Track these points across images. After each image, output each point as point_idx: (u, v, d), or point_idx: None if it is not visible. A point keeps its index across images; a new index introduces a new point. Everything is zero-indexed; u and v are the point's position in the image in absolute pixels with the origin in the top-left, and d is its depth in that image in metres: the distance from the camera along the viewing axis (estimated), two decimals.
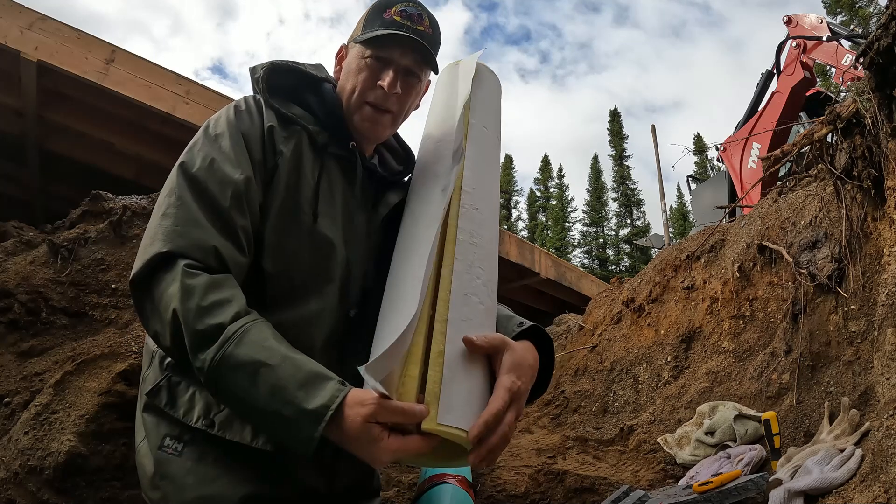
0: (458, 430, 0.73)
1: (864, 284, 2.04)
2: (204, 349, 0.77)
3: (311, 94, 1.09)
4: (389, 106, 1.05)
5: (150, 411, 0.95)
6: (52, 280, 2.58)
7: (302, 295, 0.96)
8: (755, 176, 6.07)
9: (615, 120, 38.63)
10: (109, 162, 5.68)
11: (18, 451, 1.87)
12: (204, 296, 0.79)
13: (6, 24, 4.28)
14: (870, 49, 1.85)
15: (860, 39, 4.98)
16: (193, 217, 0.86)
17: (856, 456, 1.52)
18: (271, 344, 0.79)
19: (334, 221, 1.01)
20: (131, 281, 0.86)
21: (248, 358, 0.76)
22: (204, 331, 0.78)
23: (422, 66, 1.07)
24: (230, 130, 0.96)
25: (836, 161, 2.13)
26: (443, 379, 0.75)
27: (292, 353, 0.79)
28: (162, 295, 0.81)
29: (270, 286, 0.94)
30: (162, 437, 0.91)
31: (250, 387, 0.75)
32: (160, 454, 0.90)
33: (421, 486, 1.66)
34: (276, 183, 0.97)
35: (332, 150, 1.05)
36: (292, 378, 0.75)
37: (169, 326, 0.80)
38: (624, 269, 33.90)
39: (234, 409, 0.83)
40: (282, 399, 0.74)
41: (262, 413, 0.75)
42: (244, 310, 0.82)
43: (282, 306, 0.94)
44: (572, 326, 4.96)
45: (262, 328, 0.81)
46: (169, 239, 0.84)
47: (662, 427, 2.55)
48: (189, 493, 0.86)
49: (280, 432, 0.77)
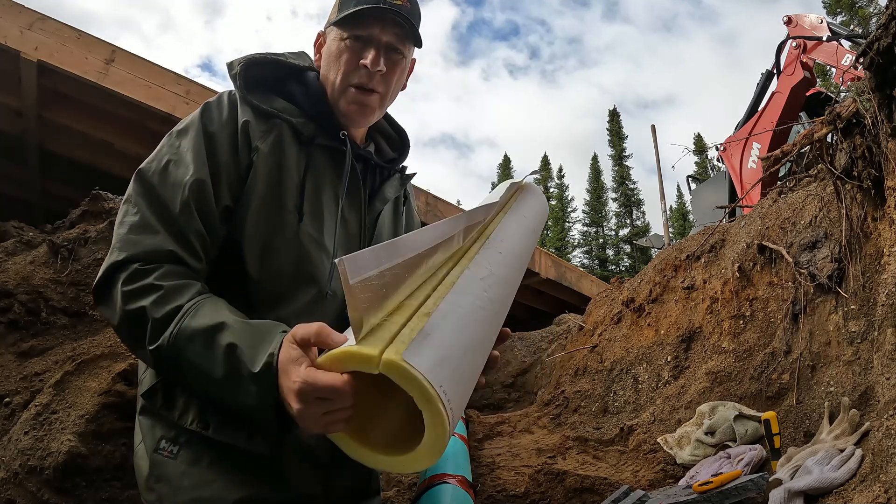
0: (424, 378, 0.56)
1: (864, 284, 2.04)
2: (163, 331, 0.78)
3: (294, 84, 1.05)
4: (375, 85, 1.01)
5: (145, 413, 0.94)
6: (52, 280, 2.59)
7: (287, 294, 0.94)
8: (755, 176, 6.07)
9: (614, 120, 38.65)
10: (109, 162, 5.68)
11: (18, 451, 1.87)
12: (160, 287, 0.81)
13: (6, 24, 4.28)
14: (870, 49, 1.85)
15: (860, 39, 4.98)
16: (147, 223, 0.86)
17: (856, 456, 1.52)
18: (224, 312, 0.79)
19: (322, 219, 0.98)
20: (92, 292, 0.87)
21: (203, 325, 0.77)
22: (162, 317, 0.79)
23: (404, 40, 1.02)
24: (192, 131, 0.94)
25: (836, 161, 2.13)
26: (423, 330, 0.61)
27: (243, 319, 0.79)
28: (121, 293, 0.81)
29: (254, 283, 0.93)
30: (158, 440, 0.90)
31: (206, 354, 0.76)
32: (156, 456, 0.89)
33: (421, 485, 1.66)
34: (254, 180, 0.94)
35: (321, 142, 1.01)
36: (245, 337, 0.75)
37: (131, 324, 0.81)
38: (624, 269, 33.90)
39: (196, 384, 0.82)
40: (238, 358, 0.73)
41: (218, 381, 0.75)
42: (200, 290, 0.83)
43: (267, 305, 0.92)
44: (572, 326, 4.96)
45: (217, 302, 0.82)
46: (124, 248, 0.84)
47: (662, 427, 2.55)
48: (184, 495, 0.85)
49: (238, 398, 0.74)
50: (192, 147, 0.92)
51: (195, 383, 0.81)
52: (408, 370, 0.55)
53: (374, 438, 0.68)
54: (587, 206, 37.35)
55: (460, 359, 0.64)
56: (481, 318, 0.73)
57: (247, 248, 0.93)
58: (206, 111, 0.98)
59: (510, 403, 4.89)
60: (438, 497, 1.55)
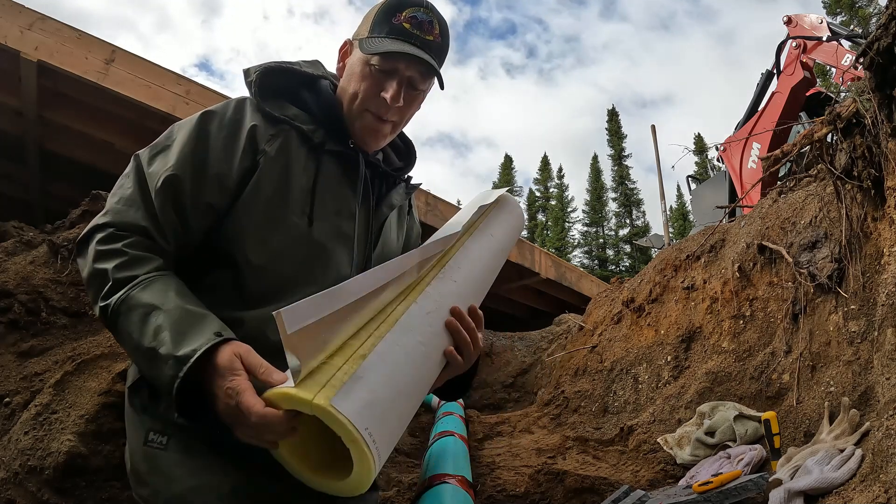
0: (349, 423, 0.61)
1: (864, 284, 2.04)
2: (114, 293, 0.85)
3: (307, 92, 1.08)
4: (391, 117, 1.04)
5: (132, 407, 0.94)
6: (52, 280, 2.59)
7: (281, 293, 0.95)
8: (755, 176, 6.07)
9: (613, 119, 38.66)
10: (109, 162, 5.68)
11: (18, 451, 1.87)
12: (126, 253, 0.88)
13: (6, 24, 4.28)
14: (870, 49, 1.86)
15: (860, 39, 4.98)
16: (133, 198, 0.93)
17: (856, 456, 1.52)
18: (171, 294, 0.84)
19: (331, 225, 1.01)
20: (76, 241, 0.95)
21: (147, 301, 0.82)
22: (119, 279, 0.85)
23: (426, 78, 1.06)
24: (187, 127, 0.98)
25: (836, 161, 2.13)
26: (355, 374, 0.67)
27: (187, 304, 0.84)
28: (94, 251, 0.89)
29: (250, 280, 0.94)
30: (146, 432, 0.90)
31: (140, 326, 0.81)
32: (146, 449, 0.89)
33: (421, 485, 1.66)
34: (259, 182, 0.96)
35: (331, 147, 1.04)
36: (176, 323, 0.80)
37: (96, 277, 0.88)
38: (624, 269, 33.91)
39: (126, 349, 0.87)
40: (161, 339, 0.78)
41: (144, 352, 0.80)
42: (161, 266, 0.90)
43: (260, 301, 0.94)
44: (572, 326, 4.97)
45: (169, 280, 0.88)
46: (111, 213, 0.92)
47: (662, 427, 2.55)
48: (178, 485, 0.85)
49: (154, 371, 0.79)
50: (181, 142, 0.96)
51: (126, 347, 0.87)
52: (334, 415, 0.61)
53: (314, 458, 0.75)
54: (587, 206, 37.37)
55: (392, 400, 0.70)
56: (421, 355, 0.78)
57: (248, 245, 0.95)
58: (211, 112, 1.00)
59: (510, 403, 4.89)
60: (438, 497, 1.55)
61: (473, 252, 0.99)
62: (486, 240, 1.05)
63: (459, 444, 2.34)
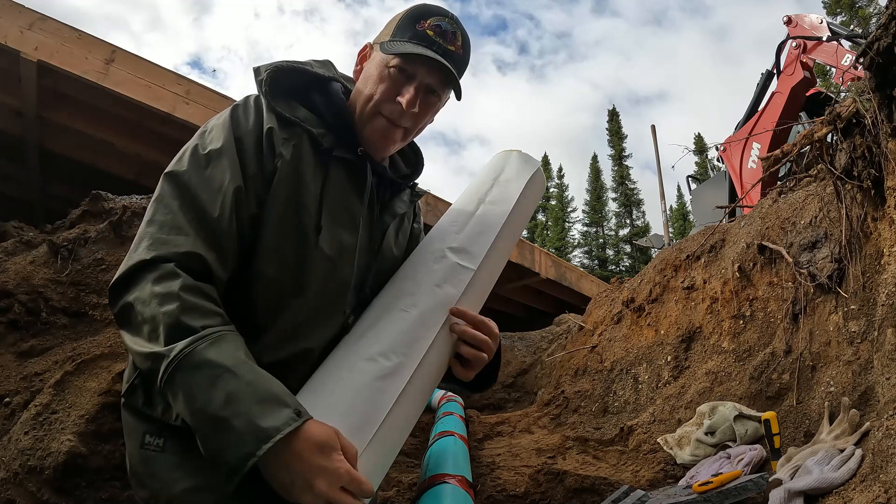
0: None
1: (864, 284, 2.04)
2: (174, 341, 0.76)
3: (317, 94, 1.05)
4: (404, 122, 1.02)
5: (128, 410, 0.93)
6: (52, 280, 2.58)
7: (294, 306, 0.94)
8: (755, 176, 6.07)
9: (614, 120, 38.65)
10: (109, 162, 5.68)
11: (18, 451, 1.87)
12: (185, 296, 0.79)
13: (6, 24, 4.28)
14: (870, 49, 1.85)
15: (860, 39, 4.97)
16: (178, 224, 0.85)
17: (856, 456, 1.52)
18: (241, 356, 0.78)
19: (336, 233, 0.99)
20: (111, 286, 0.84)
21: (216, 360, 0.75)
22: (180, 325, 0.76)
23: (445, 86, 1.04)
24: (224, 135, 0.93)
25: (836, 161, 2.13)
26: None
27: (259, 371, 0.78)
28: (141, 297, 0.79)
29: (264, 292, 0.92)
30: (142, 435, 0.89)
31: (208, 388, 0.74)
32: (143, 452, 0.88)
33: (421, 486, 1.66)
34: (276, 187, 0.94)
35: (339, 154, 1.01)
36: (253, 393, 0.74)
37: (146, 326, 0.78)
38: (624, 269, 33.89)
39: (182, 408, 0.77)
40: (235, 409, 0.72)
41: (210, 418, 0.73)
42: (224, 320, 0.82)
43: (278, 311, 0.92)
44: (572, 326, 4.97)
45: (238, 340, 0.81)
46: (153, 246, 0.83)
47: (662, 427, 2.55)
48: (177, 486, 0.85)
49: (221, 443, 0.73)
50: (226, 153, 0.91)
51: (181, 406, 0.77)
52: None
53: None
54: (587, 206, 37.36)
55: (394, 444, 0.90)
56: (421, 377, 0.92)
57: (262, 256, 0.92)
58: (235, 116, 0.97)
59: (510, 403, 4.89)
60: (438, 497, 1.54)
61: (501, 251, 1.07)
62: (512, 234, 1.12)
63: (459, 444, 2.34)
